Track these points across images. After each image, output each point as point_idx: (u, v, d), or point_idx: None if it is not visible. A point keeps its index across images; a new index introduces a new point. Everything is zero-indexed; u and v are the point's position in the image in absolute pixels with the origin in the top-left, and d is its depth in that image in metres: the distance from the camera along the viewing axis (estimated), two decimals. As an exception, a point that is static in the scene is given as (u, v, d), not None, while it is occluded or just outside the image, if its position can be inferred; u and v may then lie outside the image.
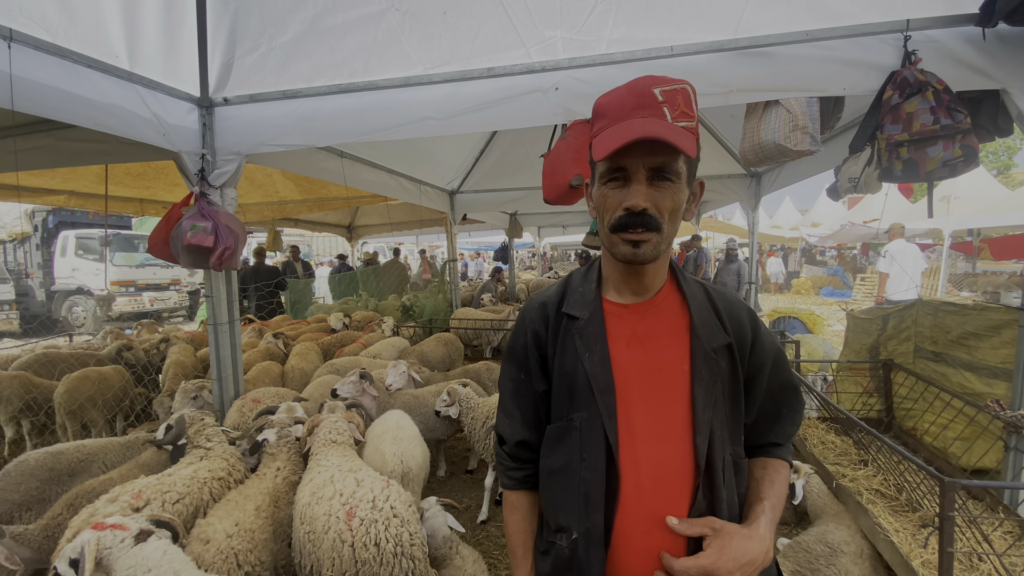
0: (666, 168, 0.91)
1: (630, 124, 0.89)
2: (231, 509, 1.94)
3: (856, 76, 2.34)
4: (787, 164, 5.43)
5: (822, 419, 3.60)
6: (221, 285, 3.21)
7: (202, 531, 1.83)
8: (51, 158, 3.38)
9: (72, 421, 3.70)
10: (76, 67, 2.31)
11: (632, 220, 0.91)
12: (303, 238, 19.68)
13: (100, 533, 1.45)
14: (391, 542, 1.78)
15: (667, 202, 0.92)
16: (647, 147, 0.88)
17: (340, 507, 1.85)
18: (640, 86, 0.92)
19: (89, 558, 1.38)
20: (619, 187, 0.94)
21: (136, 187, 6.28)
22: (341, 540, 1.77)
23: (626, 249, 0.94)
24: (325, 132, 2.96)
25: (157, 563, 1.42)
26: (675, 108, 0.91)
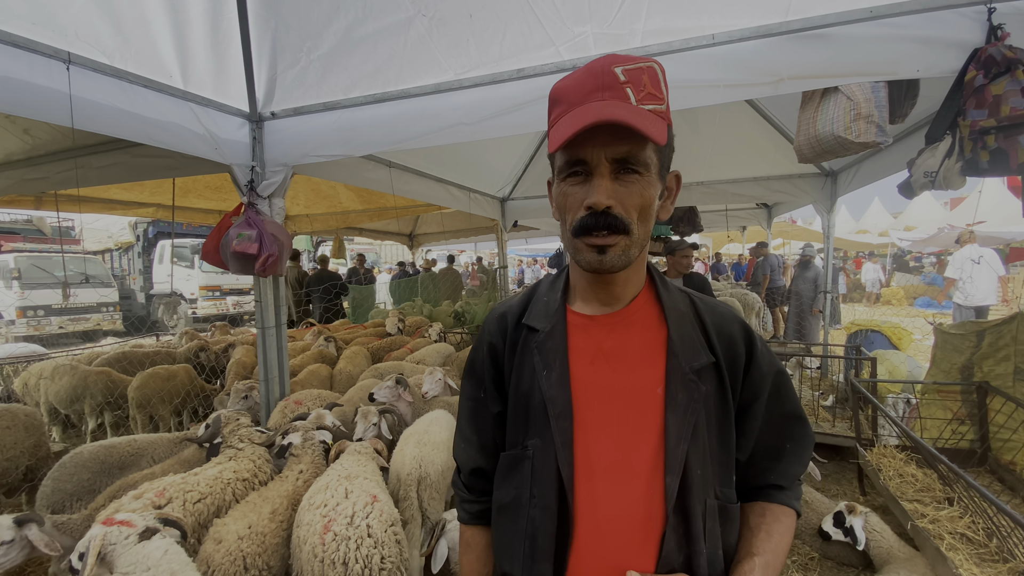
0: (632, 159, 0.77)
1: (587, 108, 0.76)
2: (247, 511, 1.97)
3: (931, 56, 2.04)
4: (867, 160, 4.93)
5: (902, 448, 3.17)
6: (268, 291, 3.35)
7: (216, 531, 1.86)
8: (127, 173, 3.70)
9: (141, 414, 4.02)
10: (133, 87, 2.49)
11: (595, 221, 0.78)
12: (371, 246, 20.58)
13: (107, 529, 1.51)
14: (360, 563, 1.70)
15: (635, 199, 0.78)
16: (609, 135, 0.74)
17: (320, 518, 1.82)
18: (599, 66, 0.79)
19: (92, 553, 1.44)
20: (580, 183, 0.80)
21: (215, 199, 6.80)
22: (314, 554, 1.74)
23: (591, 256, 0.80)
24: (362, 142, 3.01)
25: (156, 562, 1.45)
26: (640, 89, 0.77)
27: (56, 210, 4.75)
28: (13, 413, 3.19)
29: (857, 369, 4.33)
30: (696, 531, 0.79)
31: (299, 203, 7.48)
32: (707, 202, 6.72)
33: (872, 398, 3.16)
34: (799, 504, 0.93)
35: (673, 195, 0.89)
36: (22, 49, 2.08)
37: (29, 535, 1.78)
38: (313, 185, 6.64)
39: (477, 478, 1.00)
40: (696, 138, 5.49)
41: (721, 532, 0.83)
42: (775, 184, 6.22)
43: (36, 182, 4.07)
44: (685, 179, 6.58)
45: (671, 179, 0.88)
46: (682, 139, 5.98)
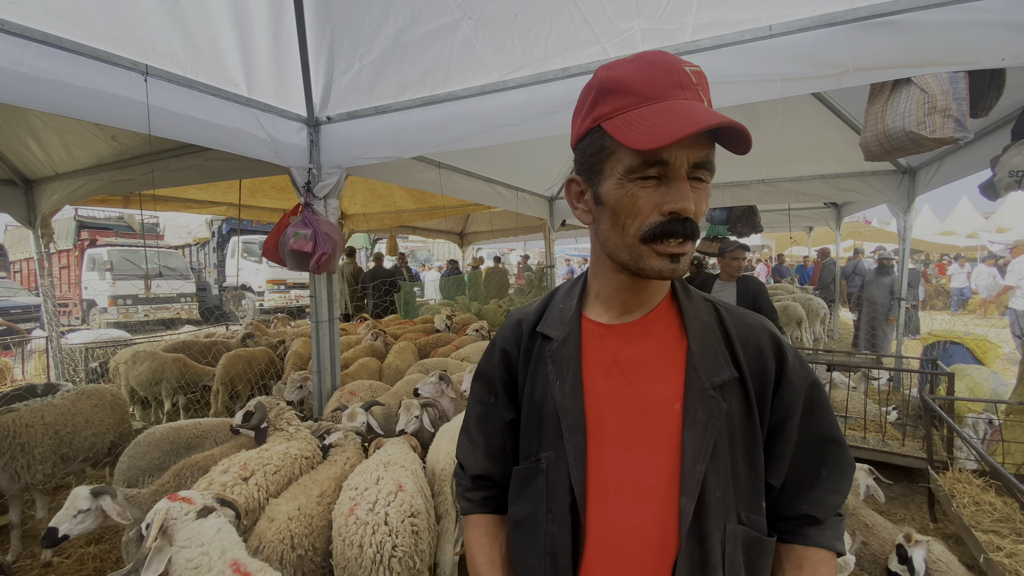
0: (707, 164, 0.74)
1: (681, 107, 0.71)
2: (298, 492, 2.08)
3: (1019, 43, 1.84)
4: (948, 157, 4.53)
5: (980, 473, 2.89)
6: (323, 287, 3.51)
7: (270, 510, 1.98)
8: (199, 175, 3.99)
9: (224, 390, 4.61)
10: (203, 96, 2.68)
11: (677, 227, 0.73)
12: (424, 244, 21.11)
13: (171, 504, 1.64)
14: (373, 547, 1.80)
15: (703, 205, 0.76)
16: (694, 137, 0.70)
17: (349, 500, 1.96)
18: (667, 61, 0.74)
19: (156, 525, 1.56)
20: (653, 186, 0.74)
21: (280, 199, 7.20)
22: (339, 532, 1.88)
23: (661, 264, 0.75)
24: (411, 144, 3.09)
25: (210, 539, 1.56)
26: (706, 93, 0.74)
27: (140, 208, 5.18)
28: (101, 393, 3.52)
29: (933, 384, 3.99)
30: (714, 559, 0.73)
31: (356, 203, 7.79)
32: (768, 201, 6.38)
33: (946, 416, 2.90)
34: (841, 544, 0.85)
35: None
36: (105, 63, 2.28)
37: (103, 505, 1.97)
38: (369, 186, 6.90)
39: (480, 481, 0.98)
40: (756, 133, 5.08)
41: (746, 562, 0.77)
42: (844, 182, 5.83)
43: (123, 183, 4.47)
44: (743, 176, 6.30)
45: None
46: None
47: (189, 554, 1.53)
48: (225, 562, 1.52)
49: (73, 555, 2.92)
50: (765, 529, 0.81)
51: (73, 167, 4.65)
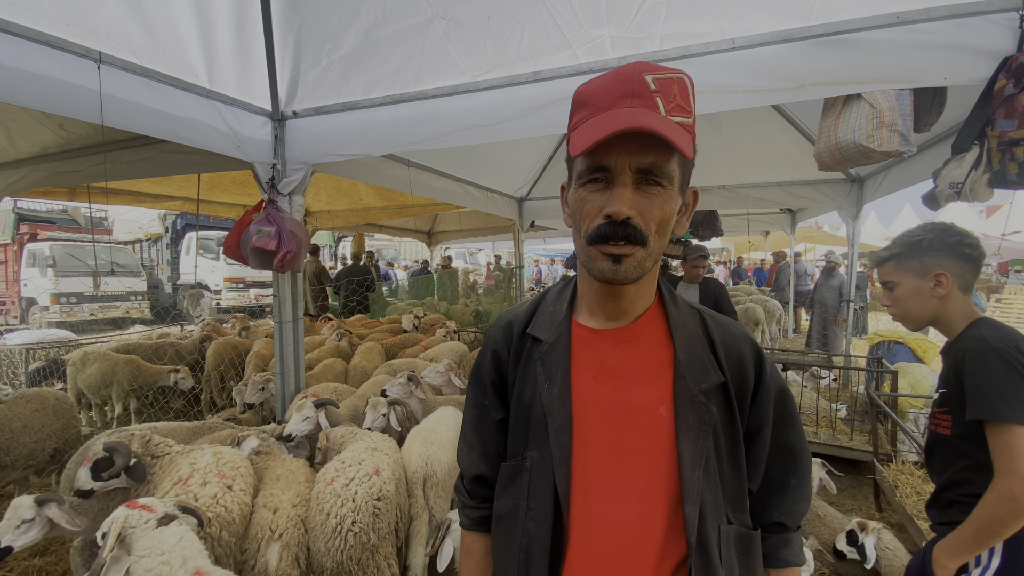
0: (656, 170, 0.75)
1: (615, 114, 0.73)
2: (288, 483, 2.15)
3: (960, 63, 1.98)
4: (894, 167, 4.80)
5: (921, 465, 3.09)
6: (286, 286, 3.42)
7: (268, 501, 2.05)
8: (156, 167, 3.82)
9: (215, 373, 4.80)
10: (160, 86, 2.57)
11: (613, 230, 0.75)
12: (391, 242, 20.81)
13: (129, 512, 1.57)
14: (336, 518, 2.00)
15: (655, 211, 0.76)
16: (635, 143, 0.72)
17: (334, 471, 2.14)
18: (629, 71, 0.76)
19: (113, 533, 1.49)
20: (600, 190, 0.77)
21: (240, 194, 6.95)
22: (316, 496, 2.08)
23: (605, 265, 0.77)
24: (381, 142, 3.05)
25: (171, 548, 1.50)
26: (669, 99, 0.75)
27: (88, 201, 4.91)
28: (43, 397, 3.32)
29: (878, 382, 4.23)
30: (715, 562, 0.77)
31: (321, 199, 7.61)
32: (728, 206, 6.62)
33: (891, 412, 3.08)
34: (803, 555, 0.91)
35: (690, 211, 0.87)
36: (56, 48, 2.16)
37: (49, 514, 1.86)
38: (335, 182, 6.75)
39: (479, 485, 1.00)
40: (718, 141, 5.41)
41: (739, 559, 0.81)
42: (799, 189, 6.10)
43: (70, 175, 4.23)
44: (705, 182, 6.50)
45: (689, 195, 0.86)
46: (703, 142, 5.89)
47: (149, 564, 1.47)
48: (187, 571, 1.47)
49: (16, 568, 2.75)
50: (751, 524, 0.85)
51: (15, 156, 4.36)
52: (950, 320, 1.51)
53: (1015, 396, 1.28)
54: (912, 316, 1.57)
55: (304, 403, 3.02)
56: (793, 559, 0.88)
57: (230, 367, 4.79)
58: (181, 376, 4.67)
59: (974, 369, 1.37)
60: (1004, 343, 1.36)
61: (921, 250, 1.53)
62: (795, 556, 0.89)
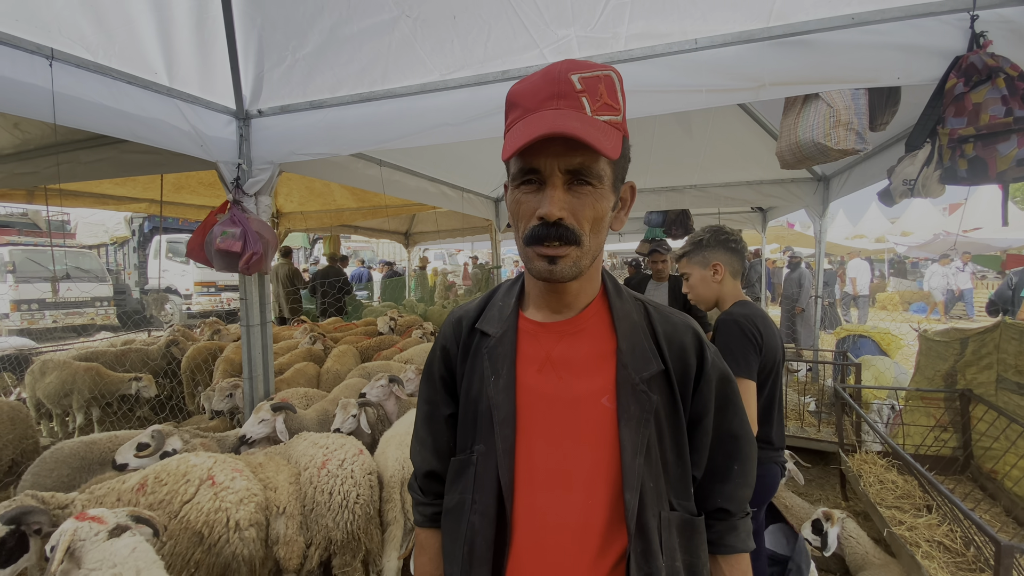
0: (585, 171, 0.76)
1: (540, 117, 0.75)
2: (276, 467, 2.27)
3: (913, 63, 2.04)
4: (858, 166, 4.94)
5: (883, 454, 3.18)
6: (253, 288, 3.34)
7: (268, 481, 2.17)
8: (115, 168, 3.69)
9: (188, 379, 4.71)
10: (117, 83, 2.49)
11: (547, 231, 0.77)
12: (368, 244, 20.58)
13: (78, 524, 1.50)
14: (341, 495, 2.20)
15: (587, 210, 0.78)
16: (562, 145, 0.73)
17: (321, 456, 2.32)
18: (556, 71, 0.77)
19: (61, 547, 1.43)
20: (533, 192, 0.78)
21: (208, 195, 6.76)
22: (310, 481, 2.24)
23: (541, 265, 0.79)
24: (349, 141, 3.01)
25: (123, 559, 1.45)
26: (596, 99, 0.76)
27: (46, 204, 4.73)
28: (-3, 407, 3.18)
29: (844, 374, 4.34)
30: (654, 547, 0.78)
31: (293, 200, 7.48)
32: (700, 205, 6.73)
33: (854, 404, 3.17)
34: (751, 540, 0.91)
35: (627, 206, 0.88)
36: (4, 45, 2.07)
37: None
38: (307, 183, 6.63)
39: (431, 481, 1.00)
40: (689, 141, 5.49)
41: (681, 544, 0.82)
42: (768, 188, 6.23)
43: (26, 176, 4.07)
44: (677, 182, 6.59)
45: (625, 190, 0.87)
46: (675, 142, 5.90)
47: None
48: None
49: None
50: (695, 510, 0.86)
51: (-34, 158, 4.18)
52: (724, 300, 1.97)
53: (743, 357, 1.72)
54: (702, 299, 2.01)
55: (262, 405, 2.99)
56: (739, 545, 0.90)
57: (198, 372, 4.66)
58: (143, 384, 4.52)
59: (718, 334, 1.82)
60: (745, 318, 1.79)
61: (703, 247, 1.98)
62: (741, 542, 0.90)
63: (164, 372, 5.09)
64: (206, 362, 4.67)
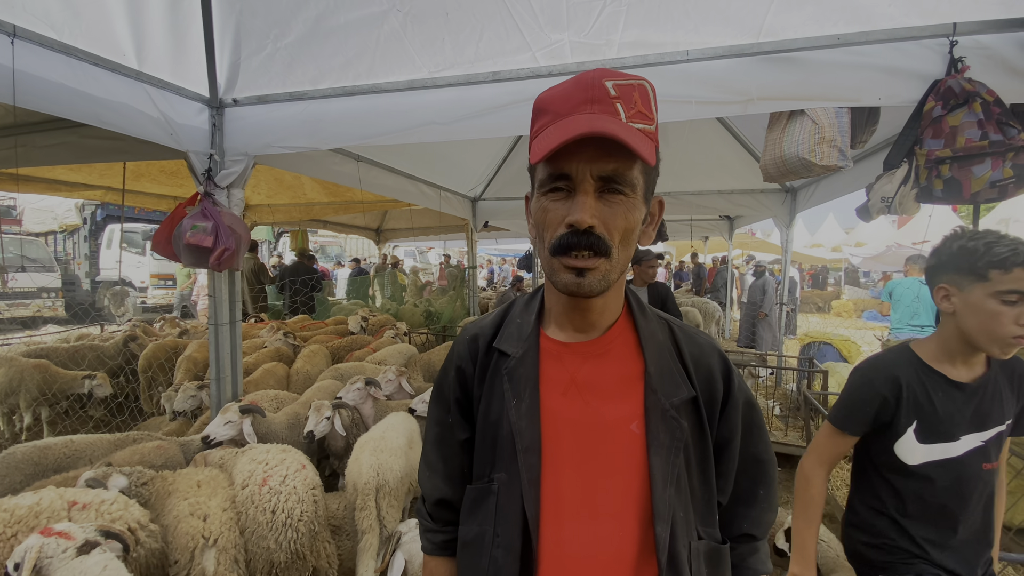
0: (618, 177, 0.72)
1: (575, 120, 0.71)
2: (212, 489, 2.11)
3: (894, 85, 2.12)
4: (824, 179, 5.12)
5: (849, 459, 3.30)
6: (223, 285, 3.20)
7: (196, 509, 1.99)
8: (74, 154, 3.47)
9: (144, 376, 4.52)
10: (82, 65, 2.33)
11: (576, 240, 0.72)
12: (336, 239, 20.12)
13: (45, 540, 1.41)
14: (284, 512, 2.09)
15: (619, 220, 0.73)
16: (596, 150, 0.70)
17: (261, 472, 2.20)
18: (589, 78, 0.74)
19: (28, 565, 1.34)
20: (562, 199, 0.74)
21: (170, 184, 6.46)
22: (251, 500, 2.12)
23: (568, 278, 0.74)
24: (330, 135, 2.92)
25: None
26: (631, 106, 0.73)
27: (-8, 189, 4.40)
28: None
29: (810, 380, 4.50)
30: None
31: (260, 192, 7.22)
32: (673, 212, 6.88)
33: (823, 409, 3.28)
34: (769, 562, 0.92)
35: (655, 221, 0.85)
36: (-41, 19, 1.91)
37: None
38: (276, 175, 6.41)
39: (442, 509, 0.95)
40: (665, 149, 5.43)
41: (708, 574, 0.80)
42: (738, 198, 6.40)
43: (-28, 159, 3.77)
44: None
45: (654, 204, 0.84)
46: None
47: (67, 598, 1.32)
48: (111, 604, 1.33)
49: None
50: (719, 538, 0.84)
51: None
52: None
53: None
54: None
55: (230, 406, 2.88)
56: (760, 567, 0.89)
57: (159, 371, 4.43)
58: (97, 383, 4.26)
59: None
60: None
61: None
62: (762, 564, 0.89)
63: (121, 370, 4.82)
64: (169, 360, 4.43)
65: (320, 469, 3.35)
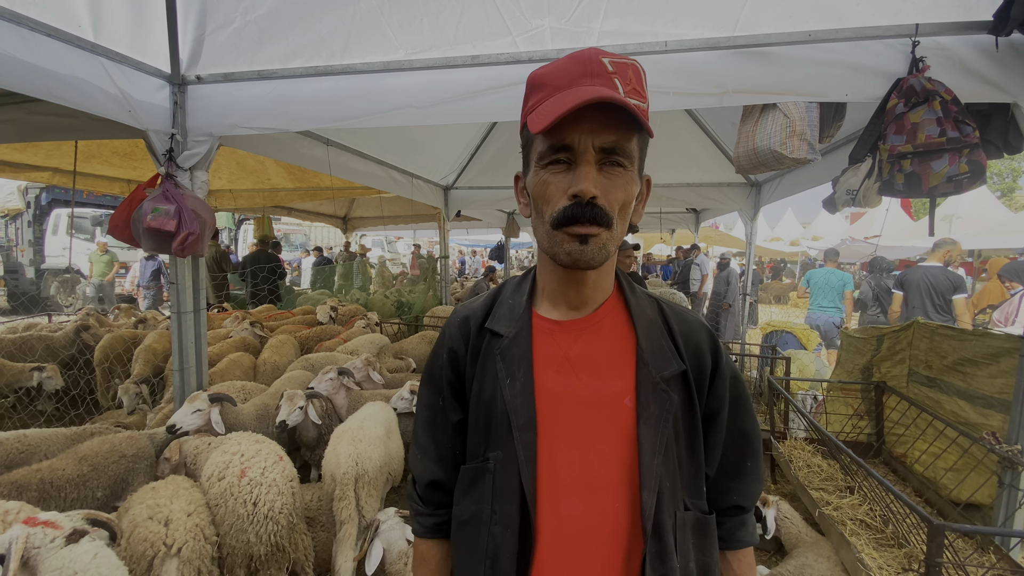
0: (619, 149, 0.73)
1: (578, 90, 0.72)
2: (172, 491, 1.97)
3: (859, 82, 2.21)
4: (788, 174, 5.29)
5: (809, 440, 3.46)
6: (186, 272, 3.07)
7: (156, 513, 1.83)
8: (20, 132, 3.23)
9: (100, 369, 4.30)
10: (33, 35, 2.17)
11: (581, 211, 0.73)
12: (300, 227, 19.55)
13: (31, 530, 1.35)
14: (265, 505, 2.05)
15: (619, 192, 0.75)
16: (597, 121, 0.71)
17: (239, 464, 2.14)
18: (586, 54, 0.76)
19: (15, 556, 1.27)
20: (563, 171, 0.75)
21: (123, 167, 6.14)
22: (230, 492, 2.06)
23: (572, 247, 0.75)
24: (301, 116, 2.82)
25: (85, 566, 1.32)
26: (627, 82, 0.75)
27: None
28: None
29: (772, 367, 4.68)
30: (669, 547, 0.77)
31: (222, 177, 6.93)
32: (643, 204, 6.97)
33: (787, 394, 3.42)
34: (756, 534, 0.95)
35: (644, 199, 0.86)
36: None
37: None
38: (238, 158, 6.17)
39: (435, 491, 0.94)
40: None
41: (695, 544, 0.82)
42: (705, 191, 6.55)
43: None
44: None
45: (644, 182, 0.85)
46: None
47: (61, 586, 1.26)
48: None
49: None
50: (707, 509, 0.87)
51: None
52: None
53: None
54: None
55: (198, 394, 2.78)
56: (748, 539, 0.92)
57: (118, 363, 4.22)
58: (47, 375, 4.03)
59: None
60: None
61: None
62: (750, 536, 0.93)
63: (74, 361, 4.57)
64: (127, 351, 4.23)
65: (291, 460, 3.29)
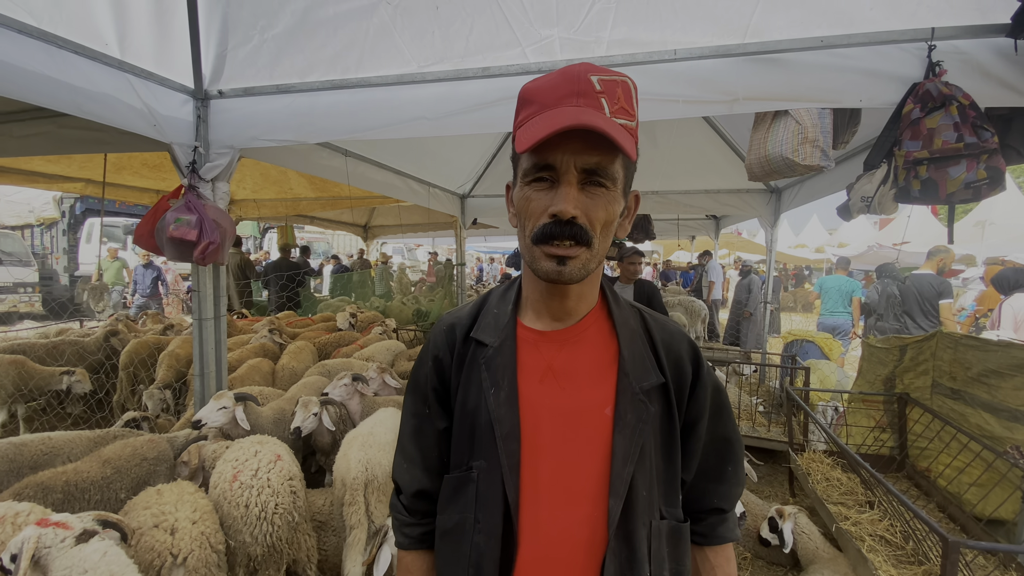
0: (601, 170, 0.75)
1: (561, 112, 0.73)
2: (177, 496, 1.96)
3: (874, 87, 2.17)
4: (808, 180, 5.20)
5: (828, 453, 3.37)
6: (208, 280, 3.16)
7: (162, 521, 1.82)
8: (52, 145, 3.38)
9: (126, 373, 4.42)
10: (63, 53, 2.28)
11: (559, 230, 0.75)
12: (323, 235, 19.92)
13: (42, 530, 1.40)
14: (258, 507, 2.05)
15: (599, 212, 0.76)
16: (581, 142, 0.72)
17: (231, 469, 2.15)
18: (575, 71, 0.77)
19: (26, 556, 1.32)
20: (545, 189, 0.77)
21: (153, 178, 6.36)
22: (223, 496, 2.09)
23: (549, 265, 0.77)
24: (318, 129, 2.90)
25: (95, 565, 1.36)
26: (614, 101, 0.76)
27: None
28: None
29: (792, 377, 4.58)
30: (640, 555, 0.78)
31: (246, 187, 7.13)
32: (661, 211, 6.92)
33: (804, 406, 3.34)
34: (737, 530, 0.96)
35: (631, 214, 0.88)
36: (-69, 2, 1.86)
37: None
38: (262, 169, 6.33)
39: (420, 500, 0.94)
40: (654, 150, 5.63)
41: (669, 553, 0.83)
42: (724, 197, 6.48)
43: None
44: (640, 188, 6.73)
45: (631, 198, 0.86)
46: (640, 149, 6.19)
47: (71, 585, 1.31)
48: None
49: None
50: (681, 517, 0.88)
51: None
52: None
53: None
54: None
55: (224, 392, 2.85)
56: (728, 535, 0.93)
57: (141, 368, 4.36)
58: (76, 379, 4.18)
59: None
60: None
61: None
62: (730, 532, 0.94)
63: (101, 366, 4.73)
64: (151, 356, 4.36)
65: (307, 466, 3.34)
